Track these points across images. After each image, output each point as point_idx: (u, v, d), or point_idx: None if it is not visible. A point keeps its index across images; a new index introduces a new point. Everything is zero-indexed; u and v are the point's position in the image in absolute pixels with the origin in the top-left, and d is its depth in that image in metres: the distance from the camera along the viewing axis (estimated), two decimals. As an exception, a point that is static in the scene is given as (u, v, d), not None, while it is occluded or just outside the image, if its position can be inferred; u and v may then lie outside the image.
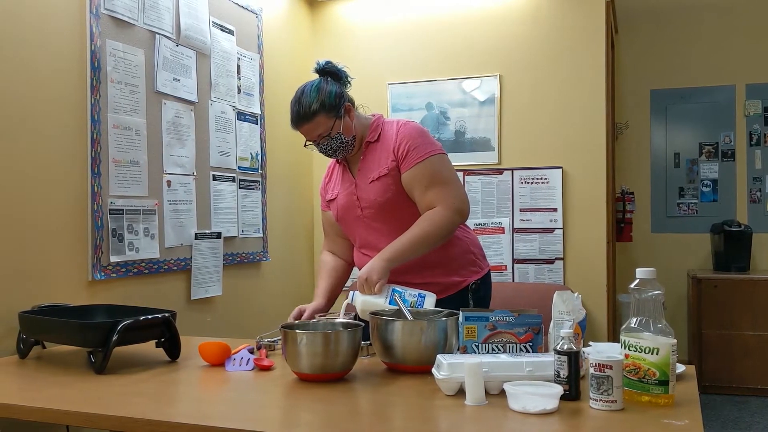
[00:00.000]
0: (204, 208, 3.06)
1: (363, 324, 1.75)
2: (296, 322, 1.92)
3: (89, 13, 2.43)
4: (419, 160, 2.11)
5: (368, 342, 1.83)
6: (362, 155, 2.22)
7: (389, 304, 1.95)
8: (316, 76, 2.20)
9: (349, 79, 2.23)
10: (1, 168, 2.13)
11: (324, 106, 2.11)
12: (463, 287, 2.22)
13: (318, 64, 2.20)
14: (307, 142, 2.19)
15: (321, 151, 2.19)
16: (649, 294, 1.41)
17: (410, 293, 1.99)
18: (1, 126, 2.13)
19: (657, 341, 1.37)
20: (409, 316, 1.82)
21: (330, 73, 2.19)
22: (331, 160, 2.36)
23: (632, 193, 5.17)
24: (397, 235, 2.11)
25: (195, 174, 3.00)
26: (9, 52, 2.16)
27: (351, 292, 2.04)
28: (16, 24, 2.19)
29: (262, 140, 3.54)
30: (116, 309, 2.13)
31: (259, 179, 3.51)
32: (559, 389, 1.35)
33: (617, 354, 1.39)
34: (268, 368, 1.78)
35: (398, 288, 2.00)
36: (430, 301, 1.98)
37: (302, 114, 2.12)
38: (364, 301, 1.99)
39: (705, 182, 5.14)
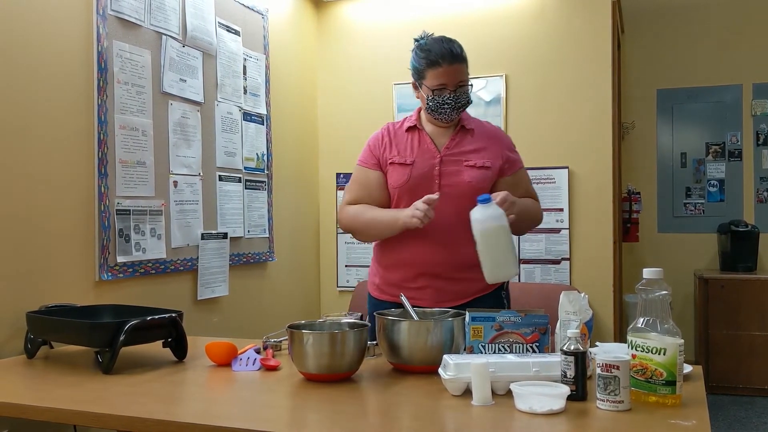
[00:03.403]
0: (210, 209, 3.07)
1: (369, 324, 1.75)
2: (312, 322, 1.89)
3: (96, 15, 2.44)
4: (522, 166, 2.28)
5: (374, 342, 1.83)
6: (453, 135, 2.20)
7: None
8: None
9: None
10: (8, 169, 2.14)
11: (466, 56, 2.17)
12: (497, 287, 2.20)
13: (424, 32, 2.21)
14: (438, 90, 2.11)
15: (441, 104, 2.12)
16: (656, 294, 1.41)
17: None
18: (8, 127, 2.14)
19: (664, 341, 1.37)
20: (415, 317, 1.82)
21: None
22: (392, 124, 2.29)
23: (639, 193, 5.16)
24: (458, 223, 2.05)
25: (201, 174, 3.01)
26: (15, 53, 2.17)
27: (485, 196, 1.92)
28: (22, 25, 2.19)
29: (268, 140, 3.54)
30: (123, 309, 2.14)
31: (265, 179, 3.52)
32: (565, 389, 1.35)
33: (624, 354, 1.39)
34: (274, 368, 1.79)
35: None
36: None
37: (456, 53, 2.12)
38: (501, 215, 1.91)
39: (712, 182, 5.12)
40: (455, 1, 3.94)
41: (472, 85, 2.18)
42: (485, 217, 1.91)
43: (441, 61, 2.10)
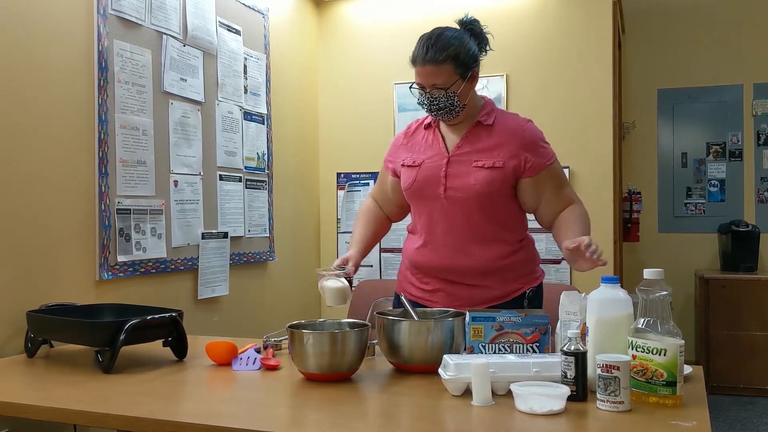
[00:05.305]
0: (211, 208, 3.07)
1: (369, 324, 1.75)
2: (305, 322, 1.88)
3: (96, 14, 2.44)
4: (550, 163, 2.06)
5: (374, 341, 1.83)
6: (466, 132, 2.06)
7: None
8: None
9: (487, 49, 2.16)
10: (9, 168, 2.14)
11: (457, 58, 1.98)
12: (518, 295, 2.09)
13: (466, 17, 2.11)
14: (414, 86, 2.04)
15: (422, 102, 2.04)
16: (657, 294, 1.40)
17: None
18: (9, 126, 2.14)
19: (664, 342, 1.36)
20: (415, 317, 1.82)
21: (473, 32, 2.10)
22: (415, 122, 2.22)
23: (639, 193, 5.15)
24: (472, 229, 2.02)
25: (202, 174, 3.01)
26: (16, 52, 2.17)
27: (611, 277, 1.51)
28: (23, 25, 2.19)
29: (269, 140, 3.54)
30: (124, 308, 2.14)
31: (266, 179, 3.52)
32: (566, 390, 1.35)
33: (625, 355, 1.38)
34: (274, 368, 1.79)
35: None
36: None
37: (431, 56, 1.96)
38: (627, 302, 1.48)
39: (712, 182, 5.12)
40: (456, 1, 3.93)
41: (456, 93, 1.99)
42: (605, 302, 1.47)
43: (416, 61, 2.00)
